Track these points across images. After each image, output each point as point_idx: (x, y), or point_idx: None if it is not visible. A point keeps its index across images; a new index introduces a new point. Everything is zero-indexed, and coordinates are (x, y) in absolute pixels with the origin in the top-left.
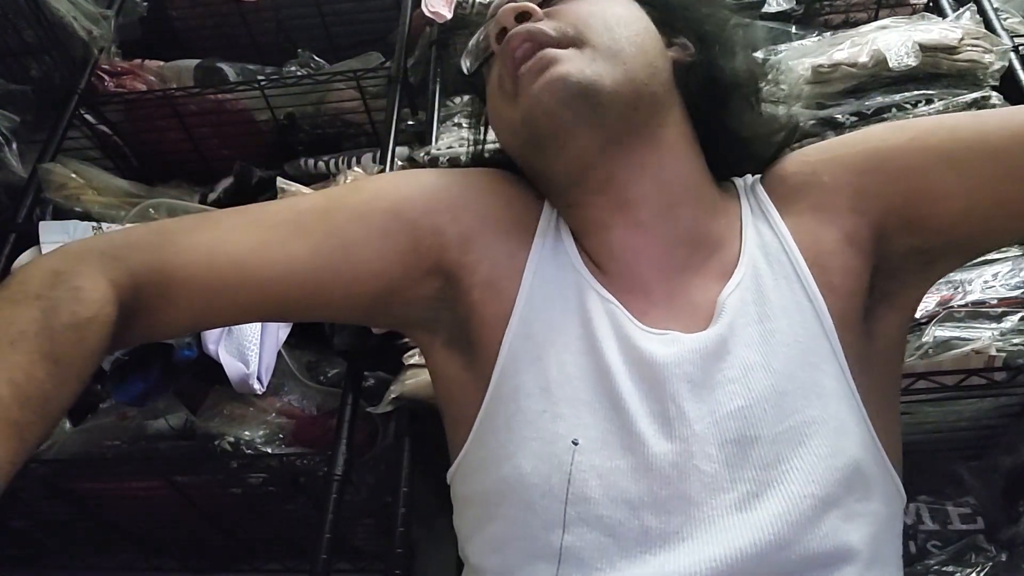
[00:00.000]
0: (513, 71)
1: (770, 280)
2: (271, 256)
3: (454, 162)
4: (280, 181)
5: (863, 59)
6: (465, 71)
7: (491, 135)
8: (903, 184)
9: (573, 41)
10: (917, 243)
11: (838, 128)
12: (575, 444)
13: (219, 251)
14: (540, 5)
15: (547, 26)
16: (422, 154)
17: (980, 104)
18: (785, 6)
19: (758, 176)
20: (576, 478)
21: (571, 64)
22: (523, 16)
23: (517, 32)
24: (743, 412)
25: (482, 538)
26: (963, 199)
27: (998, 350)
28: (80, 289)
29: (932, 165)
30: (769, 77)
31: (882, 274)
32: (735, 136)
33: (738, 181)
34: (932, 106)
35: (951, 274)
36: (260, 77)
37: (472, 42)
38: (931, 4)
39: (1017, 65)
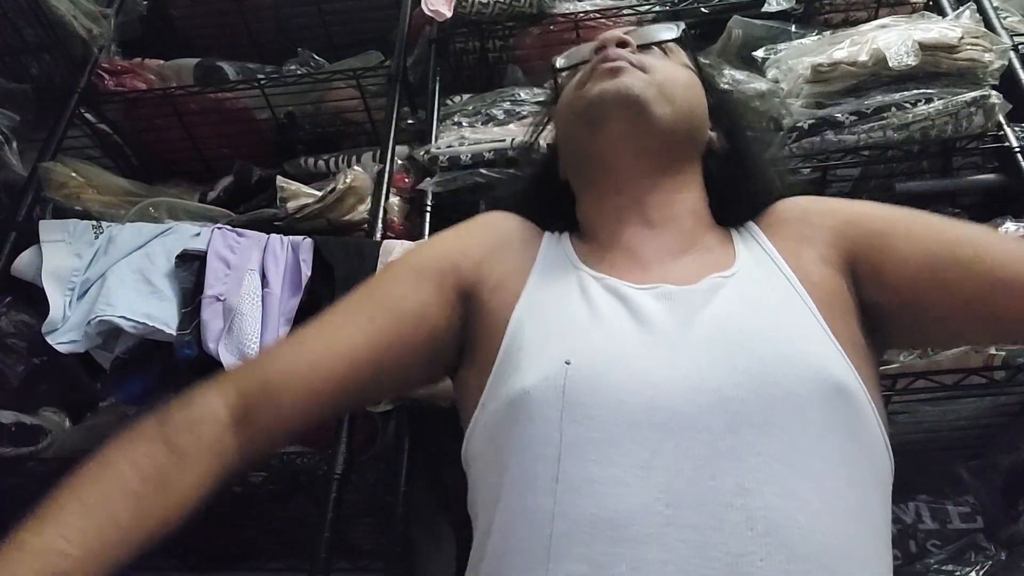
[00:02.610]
0: (596, 66)
1: (760, 277)
2: (339, 348)
3: (453, 160)
4: (280, 180)
5: (863, 58)
6: (557, 65)
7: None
8: (875, 240)
9: (647, 70)
10: (876, 296)
11: (837, 127)
12: (567, 364)
13: (302, 360)
14: (638, 47)
15: (635, 57)
16: (422, 153)
17: (980, 103)
18: (785, 5)
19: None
20: (569, 389)
21: (639, 82)
22: (622, 44)
23: (615, 49)
24: (725, 325)
25: (489, 488)
26: (914, 268)
27: (997, 349)
28: (191, 402)
29: (900, 236)
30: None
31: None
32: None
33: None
34: (932, 105)
35: None
36: (260, 76)
37: (573, 50)
38: (931, 3)
39: (1017, 64)
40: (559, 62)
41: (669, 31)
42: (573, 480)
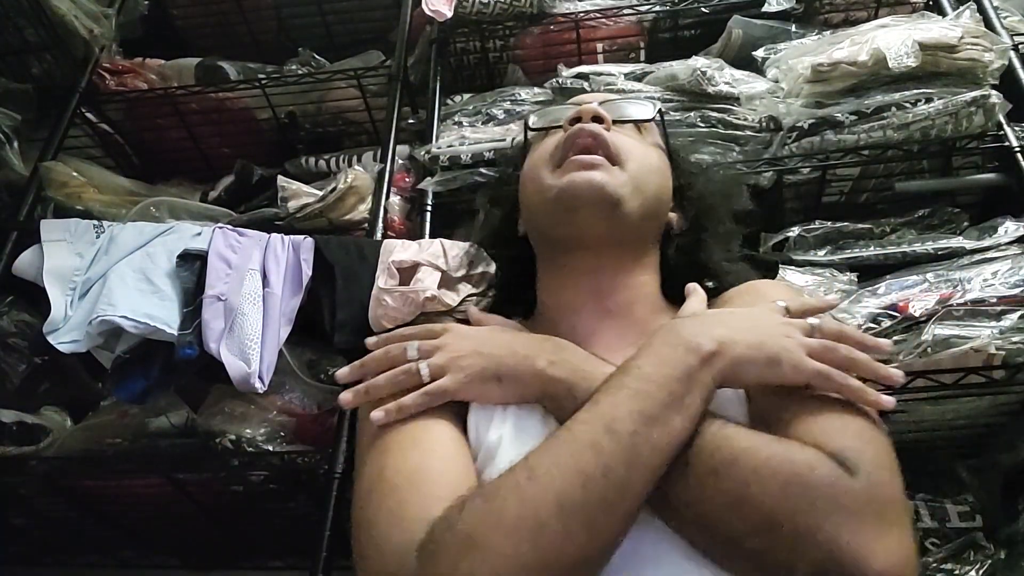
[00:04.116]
0: (568, 151)
1: None
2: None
3: (454, 160)
4: (281, 179)
5: (863, 58)
6: (530, 125)
7: None
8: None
9: (621, 163)
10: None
11: (837, 127)
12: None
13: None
14: (613, 121)
15: (610, 139)
16: (422, 152)
17: (980, 102)
18: (785, 5)
19: None
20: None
21: (612, 179)
22: (597, 119)
23: (591, 128)
24: None
25: None
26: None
27: (997, 348)
28: None
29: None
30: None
31: None
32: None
33: None
34: (932, 104)
35: (950, 272)
36: (261, 76)
37: (548, 110)
38: (931, 3)
39: (1017, 63)
40: (532, 120)
41: (645, 110)
42: None
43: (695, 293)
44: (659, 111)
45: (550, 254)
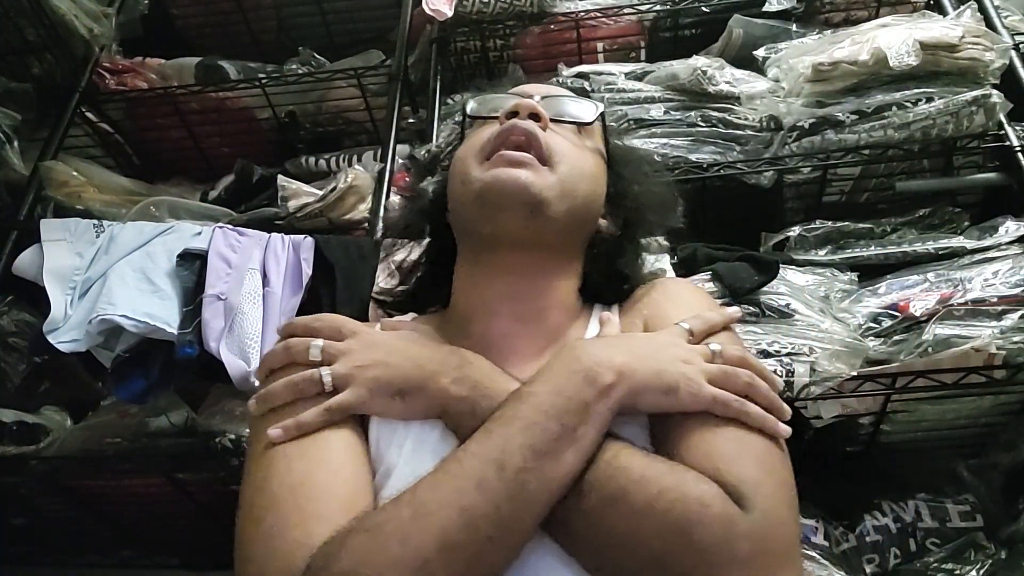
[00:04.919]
0: (499, 146)
1: None
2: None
3: None
4: (281, 179)
5: (863, 57)
6: (468, 112)
7: None
8: None
9: (552, 164)
10: None
11: (838, 126)
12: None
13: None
14: (551, 119)
15: (544, 139)
16: (423, 152)
17: (981, 102)
18: (786, 4)
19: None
20: None
21: (539, 179)
22: (534, 116)
23: (524, 126)
24: None
25: None
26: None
27: (998, 348)
28: None
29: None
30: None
31: None
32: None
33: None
34: (932, 104)
35: (951, 272)
36: (261, 75)
37: (488, 97)
38: (932, 2)
39: (1018, 63)
40: (470, 106)
41: (586, 111)
42: None
43: (609, 324)
44: (601, 114)
45: (471, 249)
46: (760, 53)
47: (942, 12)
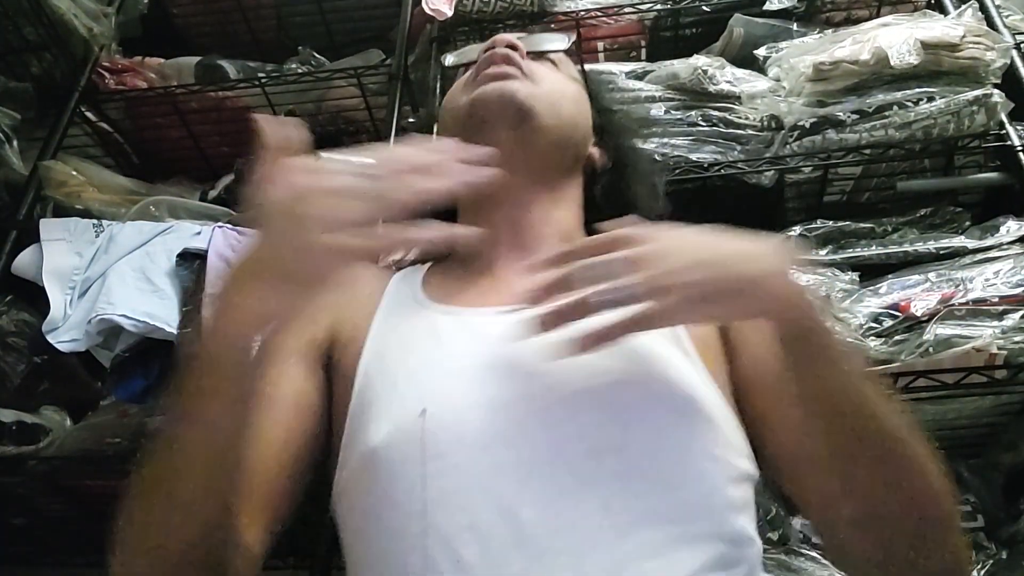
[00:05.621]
0: (481, 69)
1: None
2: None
3: None
4: None
5: (864, 56)
6: (447, 64)
7: None
8: (736, 333)
9: (535, 82)
10: (733, 364)
11: (839, 126)
12: (423, 414)
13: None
14: (528, 53)
15: (524, 62)
16: None
17: (982, 101)
18: (787, 3)
19: None
20: (428, 440)
21: (523, 88)
22: (511, 48)
23: (503, 50)
24: (579, 362)
25: (357, 551)
26: (753, 358)
27: (999, 348)
28: None
29: (755, 351)
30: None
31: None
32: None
33: None
34: (934, 104)
35: (952, 272)
36: (261, 75)
37: (464, 50)
38: (933, 1)
39: (1019, 62)
40: (448, 59)
41: (560, 41)
42: (442, 533)
43: None
44: (573, 42)
45: None
46: (761, 52)
47: (943, 11)
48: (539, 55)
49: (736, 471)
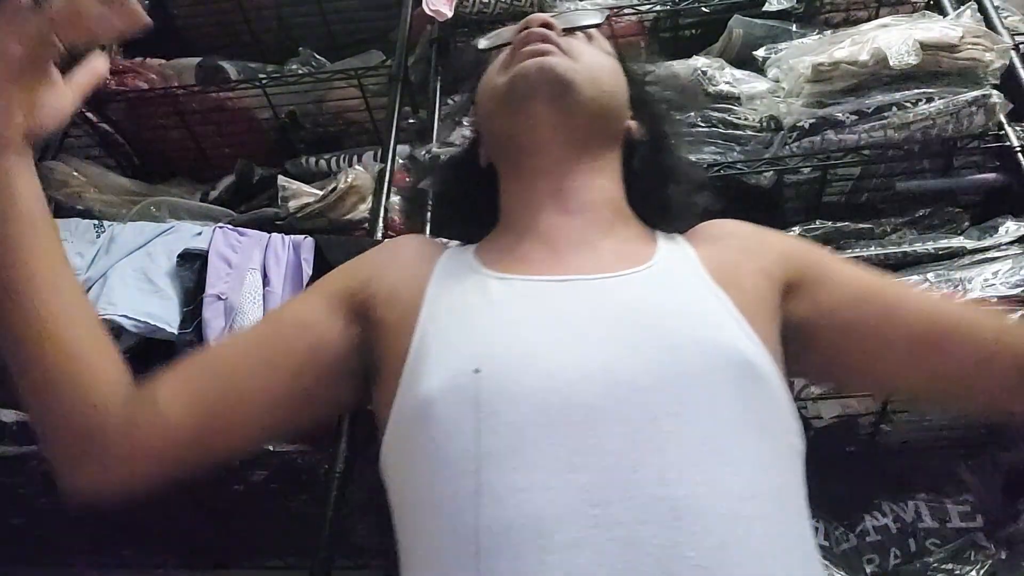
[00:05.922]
0: (518, 48)
1: (679, 274)
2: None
3: None
4: (281, 179)
5: (864, 57)
6: (480, 47)
7: None
8: (816, 268)
9: (574, 57)
10: (809, 315)
11: (838, 126)
12: (477, 372)
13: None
14: (563, 30)
15: (561, 40)
16: (423, 152)
17: (981, 102)
18: (786, 4)
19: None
20: (482, 398)
21: (563, 61)
22: (546, 26)
23: (539, 29)
24: (637, 313)
25: (408, 505)
26: (842, 296)
27: None
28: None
29: (836, 269)
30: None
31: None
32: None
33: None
34: (932, 104)
35: (951, 272)
36: (261, 75)
37: (495, 32)
38: (932, 2)
39: (1018, 63)
40: (481, 43)
41: (594, 17)
42: (496, 491)
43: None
44: (607, 18)
45: (509, 161)
46: (760, 53)
47: (942, 12)
48: (573, 31)
49: (788, 433)
